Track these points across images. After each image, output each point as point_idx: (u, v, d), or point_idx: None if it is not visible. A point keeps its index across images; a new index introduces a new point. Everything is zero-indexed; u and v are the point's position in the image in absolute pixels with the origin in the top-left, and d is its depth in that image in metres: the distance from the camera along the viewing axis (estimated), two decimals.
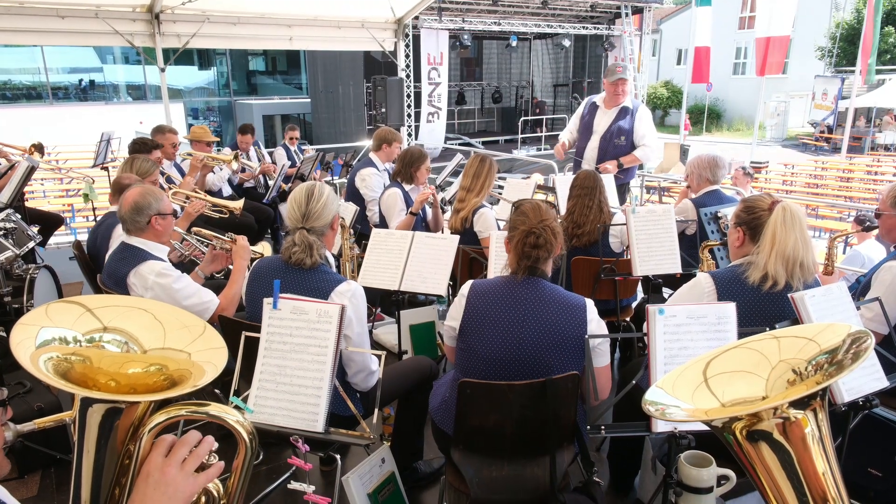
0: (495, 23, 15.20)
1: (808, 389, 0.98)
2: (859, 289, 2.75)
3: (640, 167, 5.08)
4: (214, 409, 1.19)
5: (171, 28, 7.27)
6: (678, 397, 1.15)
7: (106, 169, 6.47)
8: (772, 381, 1.08)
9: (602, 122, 5.11)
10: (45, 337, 1.11)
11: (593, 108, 5.21)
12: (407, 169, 4.37)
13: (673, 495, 1.84)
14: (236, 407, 2.05)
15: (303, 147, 8.23)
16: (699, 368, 1.17)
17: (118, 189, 3.60)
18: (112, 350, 1.17)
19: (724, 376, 1.14)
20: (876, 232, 4.70)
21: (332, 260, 2.56)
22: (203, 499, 1.24)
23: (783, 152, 24.55)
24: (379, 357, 2.16)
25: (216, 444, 1.17)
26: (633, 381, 1.88)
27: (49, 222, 5.75)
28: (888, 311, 2.35)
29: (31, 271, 3.99)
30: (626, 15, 16.46)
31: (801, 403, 0.98)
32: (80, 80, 23.81)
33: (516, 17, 15.85)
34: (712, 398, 1.12)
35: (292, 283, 2.34)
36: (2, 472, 1.09)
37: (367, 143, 11.54)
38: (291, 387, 1.93)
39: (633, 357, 3.61)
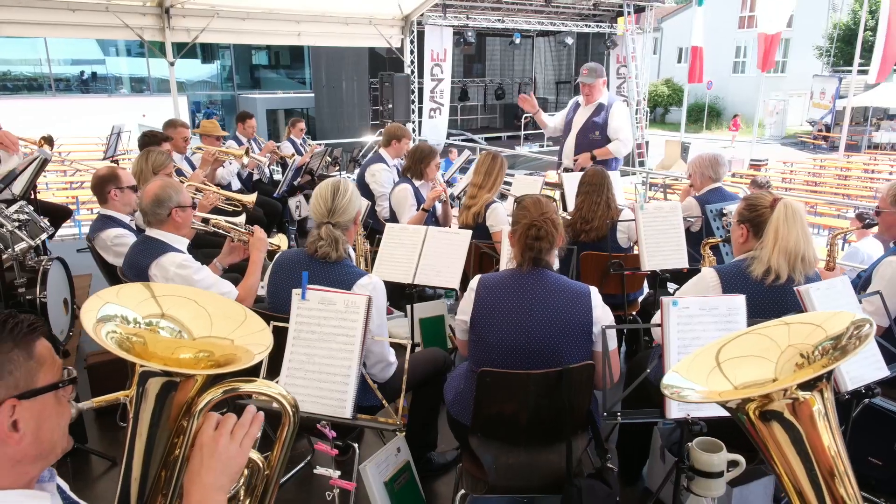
0: (499, 20, 15.25)
1: (814, 372, 1.07)
2: (860, 284, 2.84)
3: (617, 160, 5.29)
4: (259, 384, 1.29)
5: (180, 22, 7.35)
6: (693, 380, 1.23)
7: (116, 162, 6.52)
8: (781, 365, 1.16)
9: (580, 118, 5.33)
10: (106, 312, 1.21)
11: (576, 106, 5.44)
12: (417, 165, 4.45)
13: (685, 480, 1.93)
14: None
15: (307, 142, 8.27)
16: (712, 353, 1.25)
17: (101, 187, 3.58)
18: (165, 336, 1.27)
19: (735, 360, 1.22)
20: (875, 229, 4.79)
21: (352, 254, 2.64)
22: (245, 471, 1.33)
23: (782, 150, 24.68)
24: (403, 347, 2.24)
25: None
26: (648, 370, 1.96)
27: (57, 214, 5.79)
28: (888, 305, 2.45)
29: (44, 263, 4.05)
30: (629, 13, 16.50)
31: (809, 385, 1.07)
32: (82, 72, 23.81)
33: (520, 14, 15.89)
34: (725, 381, 1.20)
35: (317, 275, 2.40)
36: (65, 449, 1.17)
37: (370, 138, 11.60)
38: (320, 374, 2.01)
39: (639, 350, 3.70)
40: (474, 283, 2.39)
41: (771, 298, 2.35)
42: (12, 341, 1.04)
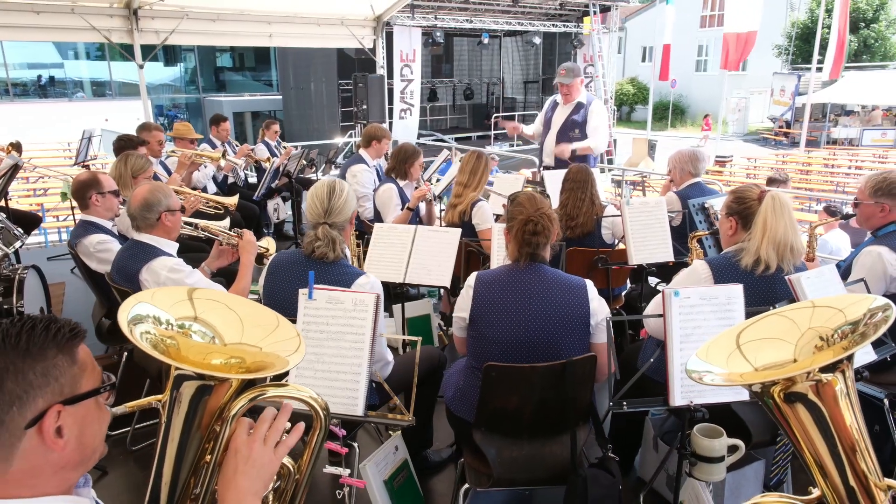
0: (467, 20, 15.33)
1: (835, 354, 1.11)
2: (840, 273, 2.94)
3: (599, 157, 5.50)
4: (291, 388, 1.28)
5: (149, 24, 7.21)
6: (714, 363, 1.27)
7: (87, 167, 6.39)
8: (800, 347, 1.20)
9: (559, 117, 5.42)
10: (138, 312, 1.20)
11: (554, 105, 5.53)
12: (401, 165, 4.47)
13: (687, 465, 1.98)
14: None
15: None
16: (733, 336, 1.29)
17: (82, 193, 3.47)
18: (198, 340, 1.25)
19: (755, 343, 1.26)
20: (840, 221, 4.97)
21: (348, 253, 2.64)
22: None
23: (745, 146, 25.29)
24: (413, 343, 2.25)
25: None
26: (651, 360, 2.01)
27: (27, 222, 5.66)
28: (871, 292, 2.54)
29: (19, 271, 3.95)
30: (595, 13, 16.75)
31: (831, 367, 1.11)
32: (39, 76, 23.12)
33: (487, 14, 16.00)
34: (746, 363, 1.24)
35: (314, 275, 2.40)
36: (102, 454, 1.15)
37: (340, 140, 11.54)
38: (329, 373, 2.01)
39: (624, 345, 3.76)
40: (472, 280, 2.41)
41: (761, 288, 2.42)
42: (56, 347, 1.02)
